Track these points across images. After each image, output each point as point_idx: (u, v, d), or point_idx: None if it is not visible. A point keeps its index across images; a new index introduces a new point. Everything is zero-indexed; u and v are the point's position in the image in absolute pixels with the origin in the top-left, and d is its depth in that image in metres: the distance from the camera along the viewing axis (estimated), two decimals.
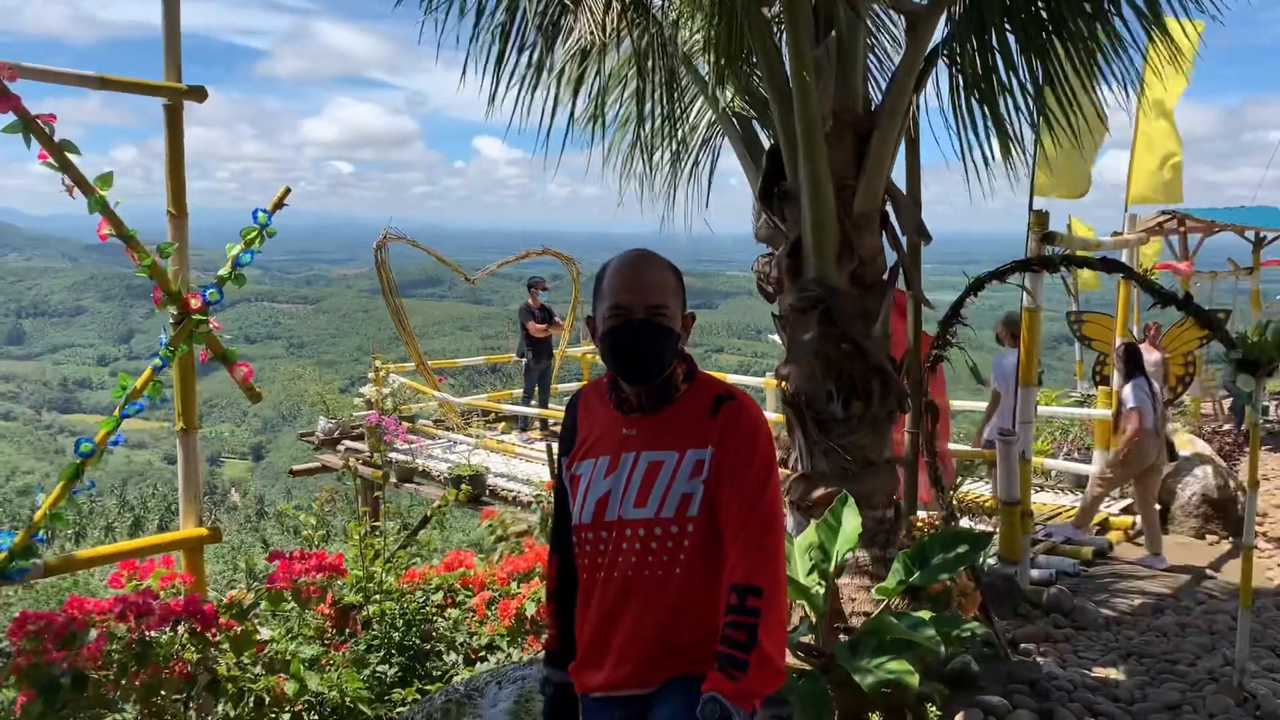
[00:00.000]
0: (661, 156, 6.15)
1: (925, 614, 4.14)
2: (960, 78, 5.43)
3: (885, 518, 4.91)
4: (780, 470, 5.36)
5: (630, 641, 2.12)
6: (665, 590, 2.10)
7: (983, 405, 8.84)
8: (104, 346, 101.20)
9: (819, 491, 4.83)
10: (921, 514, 6.34)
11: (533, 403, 11.50)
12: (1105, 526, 8.37)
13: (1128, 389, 7.82)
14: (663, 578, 2.10)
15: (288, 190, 4.18)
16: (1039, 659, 5.51)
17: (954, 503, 5.67)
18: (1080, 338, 12.01)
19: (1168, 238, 15.09)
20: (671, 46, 5.28)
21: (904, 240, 5.38)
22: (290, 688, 3.45)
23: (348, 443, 11.09)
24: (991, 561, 7.00)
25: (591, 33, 5.17)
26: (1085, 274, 13.80)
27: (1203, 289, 15.49)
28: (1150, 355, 11.41)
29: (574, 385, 13.93)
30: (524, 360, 11.72)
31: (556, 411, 10.47)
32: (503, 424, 12.19)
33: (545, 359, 11.77)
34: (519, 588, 4.78)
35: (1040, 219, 6.61)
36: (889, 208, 5.18)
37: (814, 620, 4.34)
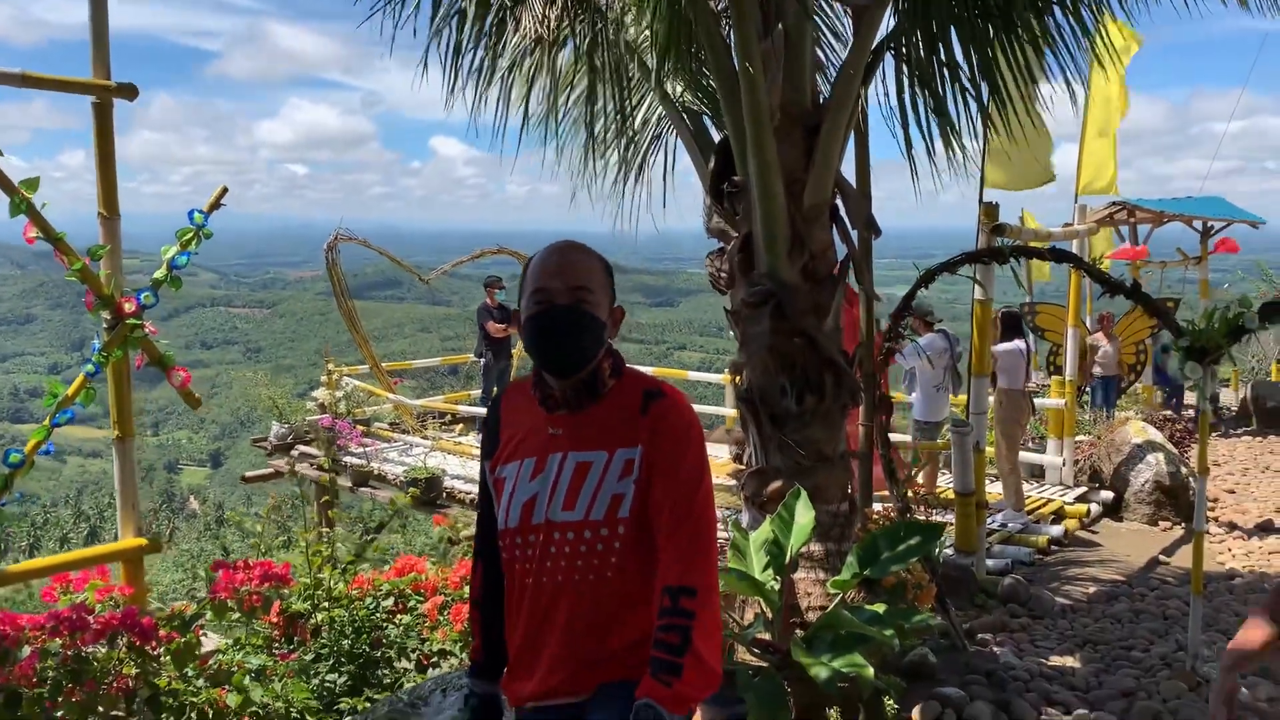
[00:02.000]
0: (612, 155, 6.11)
1: (879, 607, 4.13)
2: (906, 70, 5.45)
3: (840, 511, 4.89)
4: (735, 465, 5.35)
5: (561, 648, 2.06)
6: (597, 594, 2.03)
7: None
8: (55, 354, 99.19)
9: (773, 486, 4.81)
10: (877, 506, 6.35)
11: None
12: (1060, 515, 8.44)
13: (999, 348, 8.12)
14: (594, 581, 2.03)
15: (224, 190, 4.08)
16: (996, 649, 5.53)
17: (908, 494, 5.67)
18: (1033, 328, 12.13)
19: (1118, 228, 15.31)
20: (615, 40, 5.22)
21: (854, 234, 5.39)
22: (233, 700, 3.35)
23: (301, 447, 10.93)
24: (948, 552, 7.03)
25: (537, 29, 5.13)
26: (1038, 266, 13.98)
27: (1153, 278, 15.74)
28: (1103, 344, 11.59)
29: None
30: (483, 360, 11.61)
31: None
32: (460, 425, 12.08)
33: (504, 358, 11.68)
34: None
35: (990, 211, 6.64)
36: (839, 202, 5.17)
37: (769, 616, 4.31)
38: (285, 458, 11.03)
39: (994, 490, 8.96)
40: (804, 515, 4.35)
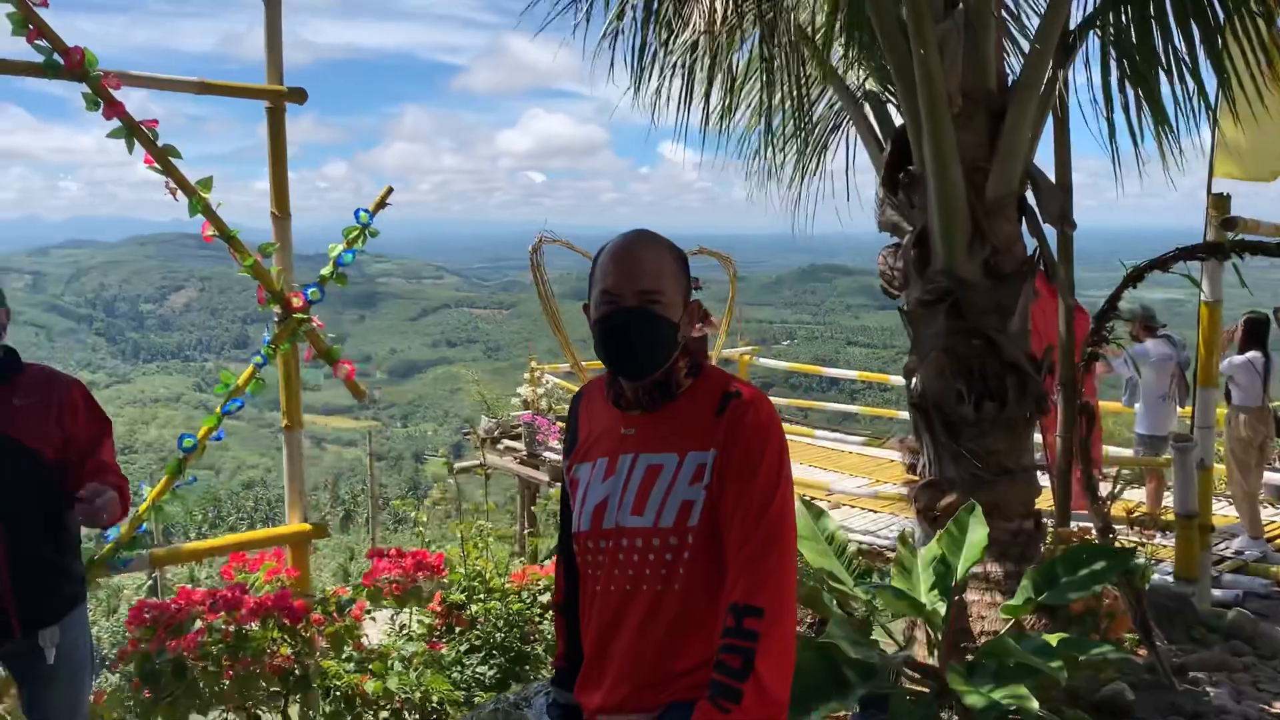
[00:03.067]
0: (790, 148, 5.92)
1: (1056, 636, 3.76)
2: (1112, 52, 4.98)
3: (1022, 529, 4.51)
4: (908, 477, 5.04)
5: (627, 661, 1.94)
6: (664, 606, 1.90)
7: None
8: None
9: (946, 500, 4.49)
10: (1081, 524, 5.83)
11: None
12: None
13: (1230, 362, 7.38)
14: (660, 593, 1.90)
15: (390, 190, 4.21)
16: (1210, 689, 4.94)
17: (1109, 514, 5.15)
18: None
19: None
20: (785, 27, 5.04)
21: (1048, 228, 4.97)
22: (371, 686, 3.44)
23: (507, 441, 11.30)
24: (1166, 579, 6.37)
25: (705, 22, 5.03)
26: None
27: None
28: None
29: None
30: None
31: None
32: None
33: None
34: None
35: (1219, 203, 5.95)
36: (1030, 193, 4.78)
37: (934, 639, 4.02)
38: (493, 450, 11.45)
39: (1228, 513, 8.07)
40: (977, 532, 4.03)
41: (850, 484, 9.59)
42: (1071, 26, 5.10)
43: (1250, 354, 7.36)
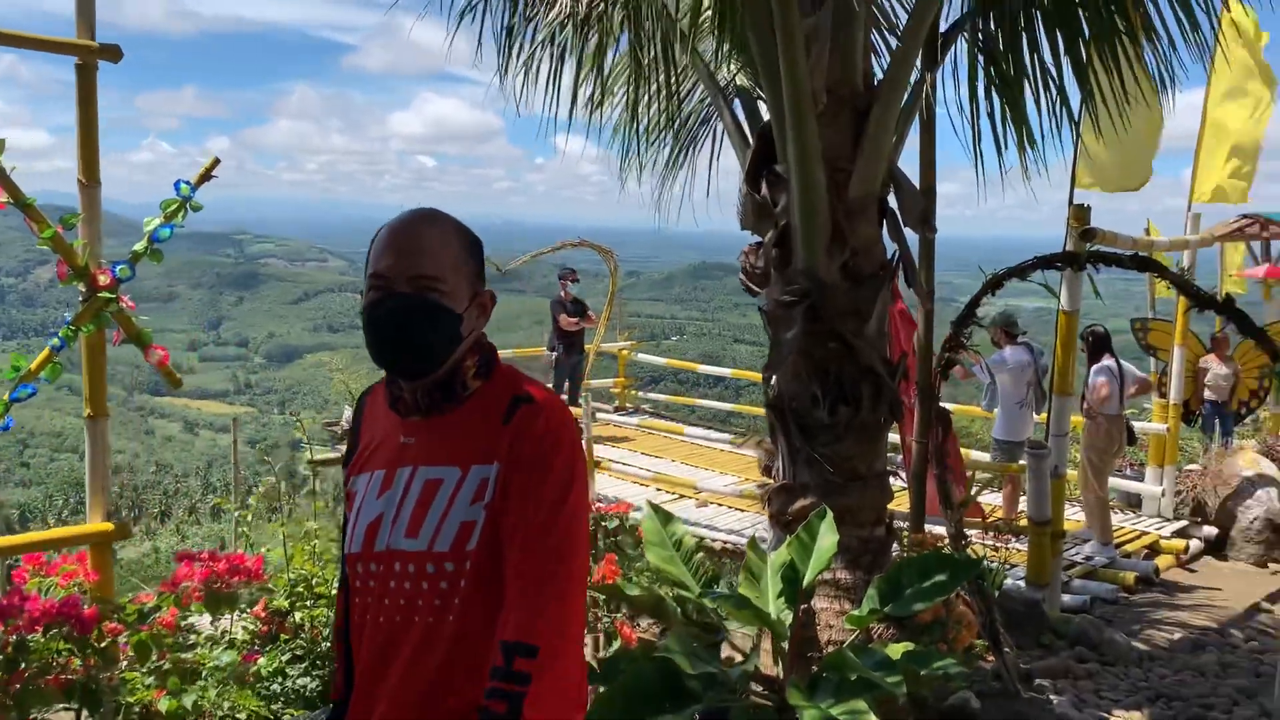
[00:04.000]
0: (660, 141, 5.76)
1: (900, 648, 3.69)
2: (980, 56, 4.98)
3: (873, 537, 4.44)
4: (764, 479, 4.94)
5: (397, 697, 1.70)
6: (438, 639, 1.67)
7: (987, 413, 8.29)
8: (194, 332, 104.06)
9: (799, 504, 4.39)
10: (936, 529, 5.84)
11: (562, 397, 11.12)
12: (1154, 550, 7.72)
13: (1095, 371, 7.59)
14: (434, 625, 1.67)
15: (216, 161, 3.89)
16: (1054, 697, 4.98)
17: (963, 519, 5.16)
18: (1145, 347, 11.23)
19: (1249, 244, 14.14)
20: (652, 13, 4.87)
21: (911, 233, 4.93)
22: (165, 705, 3.14)
23: None
24: (1019, 584, 6.46)
25: (571, 5, 4.81)
26: (1159, 279, 12.96)
27: None
28: (1219, 368, 10.65)
29: (609, 382, 13.58)
30: (554, 354, 11.37)
31: (575, 409, 10.09)
32: None
33: (576, 353, 11.39)
34: None
35: (1079, 214, 6.03)
36: (893, 196, 4.72)
37: (780, 649, 3.91)
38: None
39: (1078, 519, 8.27)
40: (827, 539, 3.93)
41: (719, 482, 9.52)
42: (943, 29, 5.11)
43: (1108, 361, 7.53)
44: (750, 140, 4.80)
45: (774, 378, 4.53)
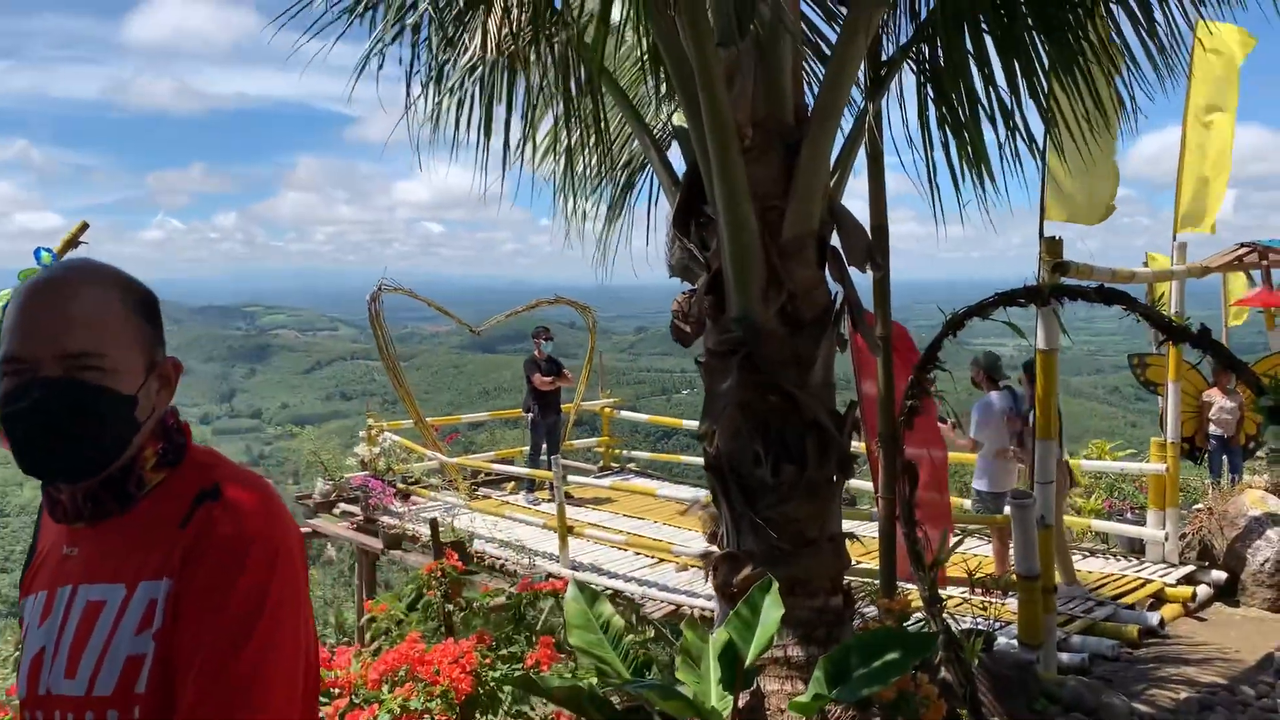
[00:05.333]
0: (597, 188, 5.47)
1: None
2: (928, 85, 4.67)
3: (828, 607, 4.04)
4: (709, 547, 4.56)
5: None
6: None
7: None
8: (207, 405, 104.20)
9: (743, 574, 4.00)
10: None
11: (542, 459, 10.75)
12: (1159, 599, 7.25)
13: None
14: None
15: (84, 226, 3.60)
16: None
17: (936, 581, 4.73)
18: (1144, 383, 10.81)
19: (1248, 273, 13.76)
20: (572, 55, 4.60)
21: (868, 271, 4.60)
22: None
23: (344, 505, 10.51)
24: (1011, 643, 6.01)
25: (493, 46, 4.55)
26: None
27: None
28: (1222, 401, 10.22)
29: (591, 441, 13.20)
30: (530, 415, 11.00)
31: (546, 473, 9.70)
32: (512, 484, 11.48)
33: (553, 414, 11.00)
34: (390, 692, 4.03)
35: (1052, 247, 5.68)
36: (835, 234, 4.39)
37: None
38: (329, 515, 10.65)
39: (1082, 568, 7.81)
40: (772, 613, 3.53)
41: (701, 544, 9.07)
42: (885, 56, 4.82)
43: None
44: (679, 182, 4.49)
45: (711, 435, 4.17)
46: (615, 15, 4.96)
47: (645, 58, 4.96)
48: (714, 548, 4.34)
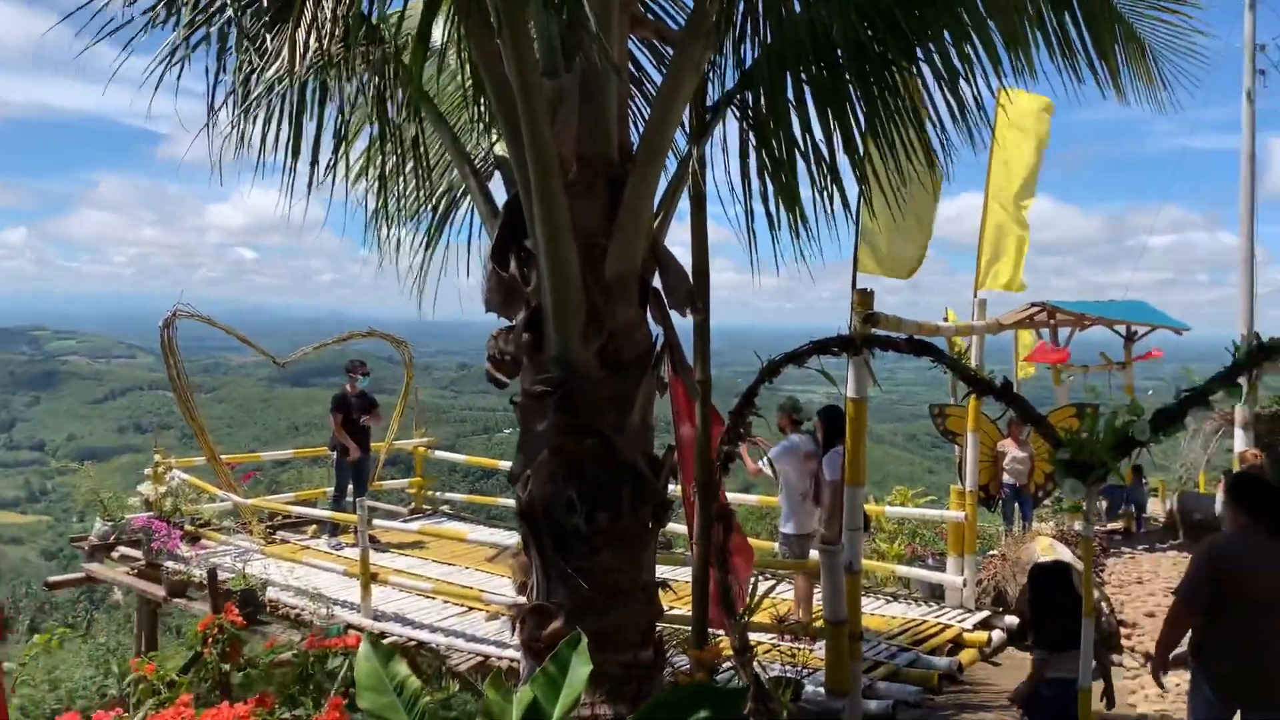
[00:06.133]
0: (413, 216, 5.23)
1: None
2: (751, 133, 4.66)
3: (638, 661, 3.88)
4: (518, 599, 4.34)
5: None
6: None
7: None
8: None
9: (552, 628, 3.80)
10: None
11: (348, 501, 10.18)
12: (958, 644, 7.47)
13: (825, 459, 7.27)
14: None
15: None
16: None
17: (747, 629, 4.68)
18: (943, 432, 11.30)
19: (1038, 330, 14.73)
20: (387, 76, 4.37)
21: (688, 314, 4.53)
22: None
23: (124, 549, 9.65)
24: (819, 691, 6.02)
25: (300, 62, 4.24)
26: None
27: (1074, 383, 15.13)
28: (1015, 451, 10.79)
29: (402, 482, 12.69)
30: (334, 454, 10.44)
31: (348, 516, 9.20)
32: (313, 527, 10.85)
33: (361, 453, 10.46)
34: None
35: (863, 299, 5.80)
36: (658, 276, 4.30)
37: None
38: (107, 559, 9.77)
39: (885, 613, 8.00)
40: (580, 670, 3.33)
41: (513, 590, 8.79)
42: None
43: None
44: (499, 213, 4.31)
45: (525, 480, 3.97)
46: (436, 37, 4.80)
47: (468, 83, 4.78)
48: (523, 599, 4.12)
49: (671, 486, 4.58)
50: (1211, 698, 4.28)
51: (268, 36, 4.28)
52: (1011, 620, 7.84)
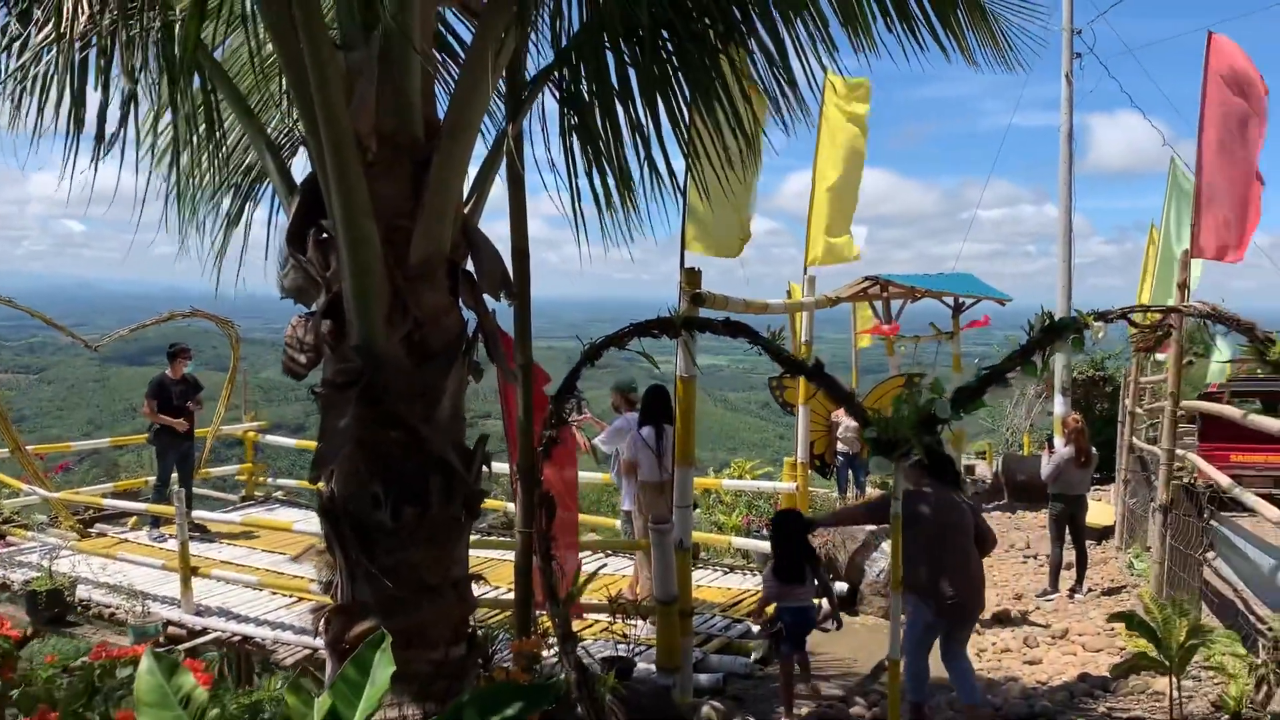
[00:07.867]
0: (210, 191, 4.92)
1: None
2: (568, 109, 4.55)
3: (449, 659, 3.78)
4: (325, 600, 4.16)
5: None
6: None
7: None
8: None
9: (359, 628, 3.65)
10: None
11: (170, 491, 9.62)
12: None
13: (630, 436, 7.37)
14: None
15: None
16: None
17: (570, 617, 4.62)
18: (782, 404, 11.56)
19: (871, 304, 15.23)
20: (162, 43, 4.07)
21: (501, 299, 4.40)
22: None
23: None
24: (650, 669, 6.05)
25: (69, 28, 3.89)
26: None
27: (906, 353, 15.72)
28: (848, 421, 11.11)
29: (232, 469, 12.14)
30: (155, 444, 9.86)
31: (166, 508, 8.71)
32: (133, 520, 10.26)
33: (185, 439, 9.92)
34: None
35: (691, 278, 5.79)
36: (470, 258, 4.17)
37: None
38: None
39: (722, 585, 8.12)
40: (382, 671, 3.19)
41: None
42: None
43: (644, 429, 7.27)
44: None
45: (327, 475, 3.79)
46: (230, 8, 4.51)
47: (255, 56, 4.50)
48: (328, 599, 3.95)
49: (500, 466, 4.45)
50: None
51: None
52: (841, 586, 8.06)
